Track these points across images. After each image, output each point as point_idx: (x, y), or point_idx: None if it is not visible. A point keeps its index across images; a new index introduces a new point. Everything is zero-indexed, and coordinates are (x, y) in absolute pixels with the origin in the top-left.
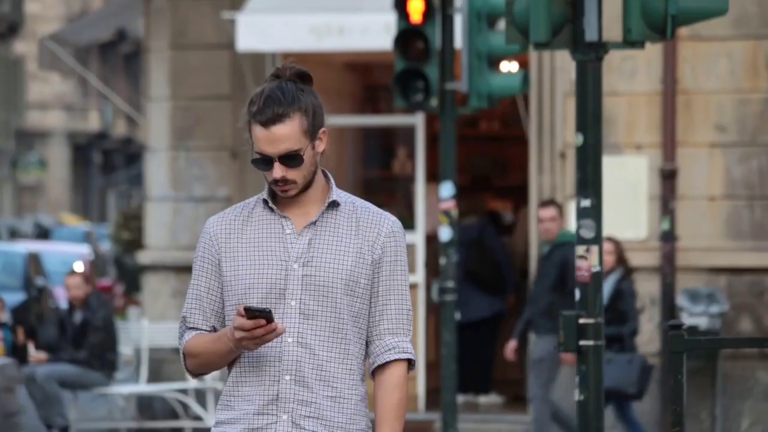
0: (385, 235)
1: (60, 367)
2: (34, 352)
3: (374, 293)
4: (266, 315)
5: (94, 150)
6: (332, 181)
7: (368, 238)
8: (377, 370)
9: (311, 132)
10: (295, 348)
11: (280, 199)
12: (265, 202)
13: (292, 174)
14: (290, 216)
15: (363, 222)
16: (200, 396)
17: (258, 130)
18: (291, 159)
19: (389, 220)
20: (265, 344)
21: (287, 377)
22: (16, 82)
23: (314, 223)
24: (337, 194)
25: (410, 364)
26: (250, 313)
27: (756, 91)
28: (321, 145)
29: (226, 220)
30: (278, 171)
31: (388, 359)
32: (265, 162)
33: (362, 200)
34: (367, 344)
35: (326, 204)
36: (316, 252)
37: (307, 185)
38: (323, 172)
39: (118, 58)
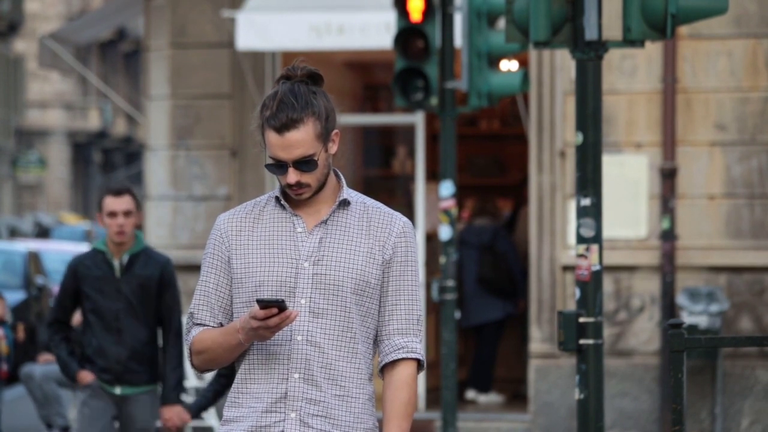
0: (396, 235)
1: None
2: (46, 355)
3: (384, 293)
4: (279, 304)
5: (93, 149)
6: (343, 180)
7: (379, 239)
8: (386, 370)
9: (324, 136)
10: (304, 346)
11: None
12: (277, 199)
13: (307, 178)
14: (302, 214)
15: (374, 222)
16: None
17: (272, 136)
18: (305, 164)
19: (401, 221)
20: (274, 342)
21: (296, 375)
22: (16, 81)
23: (325, 221)
24: (348, 193)
25: (420, 364)
26: (263, 303)
27: (756, 89)
28: (334, 147)
29: (237, 217)
30: (292, 176)
31: (395, 358)
32: (279, 167)
33: (373, 200)
34: (377, 344)
35: (337, 203)
36: (327, 251)
37: (321, 187)
38: (334, 171)
39: (118, 56)
